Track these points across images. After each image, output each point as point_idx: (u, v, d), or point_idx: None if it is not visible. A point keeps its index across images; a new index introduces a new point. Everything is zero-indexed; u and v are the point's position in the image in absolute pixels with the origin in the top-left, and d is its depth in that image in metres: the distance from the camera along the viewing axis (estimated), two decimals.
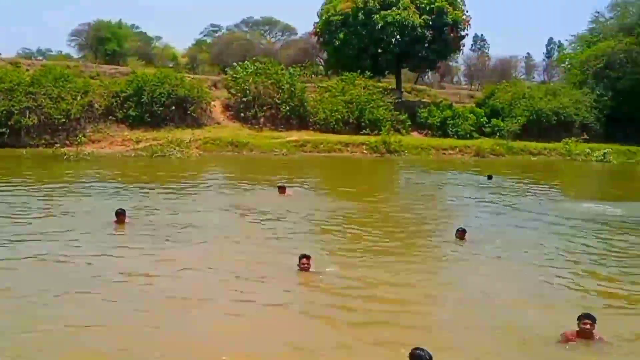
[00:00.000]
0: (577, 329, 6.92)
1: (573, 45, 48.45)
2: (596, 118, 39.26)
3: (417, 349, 5.66)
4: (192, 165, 25.38)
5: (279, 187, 17.14)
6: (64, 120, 28.97)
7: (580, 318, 6.94)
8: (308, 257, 9.53)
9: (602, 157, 34.21)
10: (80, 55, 56.14)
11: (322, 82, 39.64)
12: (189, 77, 36.03)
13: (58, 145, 27.58)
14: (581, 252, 12.01)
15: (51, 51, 61.80)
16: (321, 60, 51.98)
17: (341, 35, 38.61)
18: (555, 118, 37.97)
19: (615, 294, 9.31)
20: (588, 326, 6.86)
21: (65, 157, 25.31)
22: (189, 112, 32.75)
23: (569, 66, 45.45)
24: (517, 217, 15.75)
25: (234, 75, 35.70)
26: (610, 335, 7.17)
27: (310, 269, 9.45)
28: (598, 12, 46.16)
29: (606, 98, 39.82)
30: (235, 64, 37.69)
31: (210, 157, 28.33)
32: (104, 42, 52.83)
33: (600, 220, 15.48)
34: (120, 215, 12.40)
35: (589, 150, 34.99)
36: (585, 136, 36.63)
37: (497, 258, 11.30)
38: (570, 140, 35.71)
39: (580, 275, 10.23)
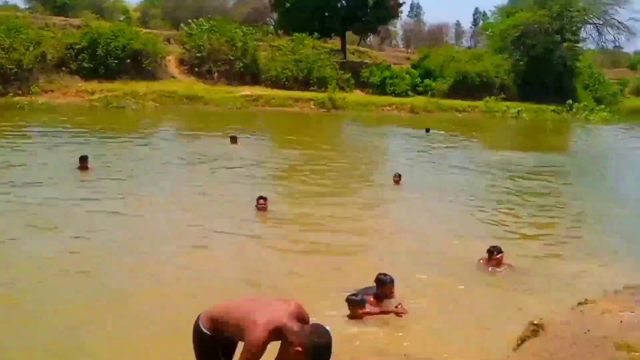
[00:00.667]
0: (488, 258, 7.21)
1: (495, 15, 49.01)
2: (513, 80, 40.13)
3: (380, 274, 5.91)
4: (148, 116, 24.70)
5: (231, 137, 16.97)
6: (16, 70, 26.84)
7: (490, 251, 7.21)
8: (265, 198, 9.64)
9: (517, 114, 35.40)
10: (27, 6, 51.46)
11: (274, 42, 38.95)
12: (142, 31, 34.52)
13: (11, 94, 25.99)
14: (497, 192, 12.73)
15: None
16: (272, 20, 50.88)
17: None
18: (479, 79, 38.55)
19: (522, 224, 9.93)
20: (498, 256, 7.16)
21: (18, 106, 23.97)
22: (144, 65, 31.25)
23: (491, 34, 45.98)
24: (446, 164, 16.35)
25: (189, 32, 34.64)
26: (516, 259, 7.64)
27: (267, 209, 9.58)
28: None
29: (522, 63, 40.67)
30: (190, 20, 36.41)
31: (165, 109, 27.45)
32: None
33: (514, 166, 16.34)
34: (84, 160, 12.09)
35: (506, 108, 35.97)
36: (504, 95, 37.53)
37: (427, 198, 11.72)
38: (490, 99, 36.58)
39: (496, 211, 10.81)
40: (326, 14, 38.82)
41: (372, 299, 5.75)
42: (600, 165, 19.29)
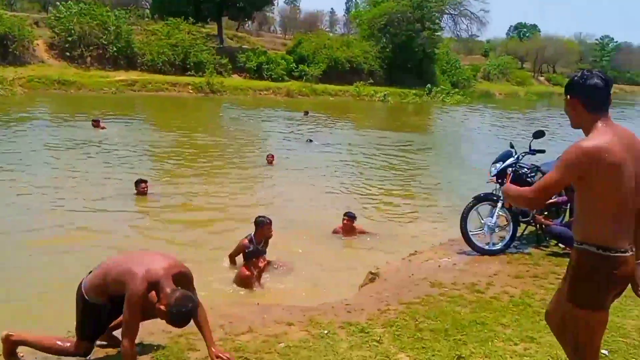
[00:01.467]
0: (343, 222, 7.89)
1: (363, 4, 51.05)
2: (380, 66, 41.95)
3: (259, 216, 6.41)
4: (17, 103, 23.06)
5: (93, 121, 16.40)
6: None
7: (346, 215, 7.91)
8: (145, 181, 9.46)
9: (383, 98, 37.28)
10: None
11: (149, 26, 37.65)
12: (7, 14, 31.92)
13: None
14: (363, 167, 13.80)
15: None
16: (148, 4, 48.95)
17: None
18: (349, 65, 40.00)
19: (381, 194, 10.95)
20: (347, 221, 7.84)
21: None
22: (10, 50, 28.99)
23: (360, 22, 47.80)
24: (321, 143, 17.06)
25: (58, 15, 32.46)
26: (371, 224, 8.55)
27: (147, 192, 9.43)
28: None
29: (388, 50, 42.48)
30: (58, 3, 34.18)
31: (35, 94, 25.69)
32: None
33: (381, 143, 17.61)
34: None
35: (373, 92, 37.73)
36: (371, 80, 39.43)
37: (298, 175, 12.33)
38: (359, 84, 38.22)
39: (360, 184, 11.78)
40: None
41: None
42: (451, 141, 21.35)
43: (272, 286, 6.08)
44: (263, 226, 6.30)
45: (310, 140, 22.59)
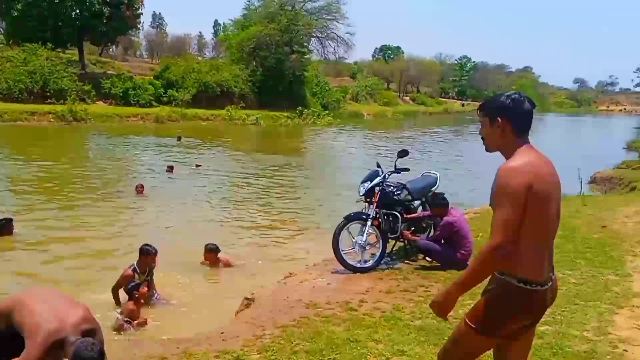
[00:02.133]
0: (205, 254, 7.62)
1: (231, 27, 50.98)
2: (251, 89, 42.09)
3: (145, 244, 6.13)
4: None
5: None
6: None
7: (206, 248, 7.65)
8: (11, 220, 8.69)
9: (255, 121, 37.20)
10: None
11: (3, 52, 34.59)
12: None
13: None
14: (238, 191, 13.68)
15: None
16: (2, 29, 44.91)
17: (19, 6, 34.21)
18: (219, 89, 39.65)
19: (254, 218, 10.87)
20: (206, 254, 7.61)
21: None
22: None
23: (228, 45, 47.58)
24: (193, 169, 16.63)
25: None
26: (245, 250, 8.42)
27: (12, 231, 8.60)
28: (249, 1, 49.48)
29: (258, 73, 42.88)
30: None
31: None
32: None
33: (255, 166, 17.59)
34: None
35: (245, 115, 37.57)
36: (243, 104, 39.28)
37: (169, 204, 11.84)
38: (231, 108, 37.89)
39: (233, 209, 11.60)
40: (59, 23, 35.85)
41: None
42: (323, 161, 21.92)
43: (151, 318, 5.80)
44: (148, 255, 6.07)
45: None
